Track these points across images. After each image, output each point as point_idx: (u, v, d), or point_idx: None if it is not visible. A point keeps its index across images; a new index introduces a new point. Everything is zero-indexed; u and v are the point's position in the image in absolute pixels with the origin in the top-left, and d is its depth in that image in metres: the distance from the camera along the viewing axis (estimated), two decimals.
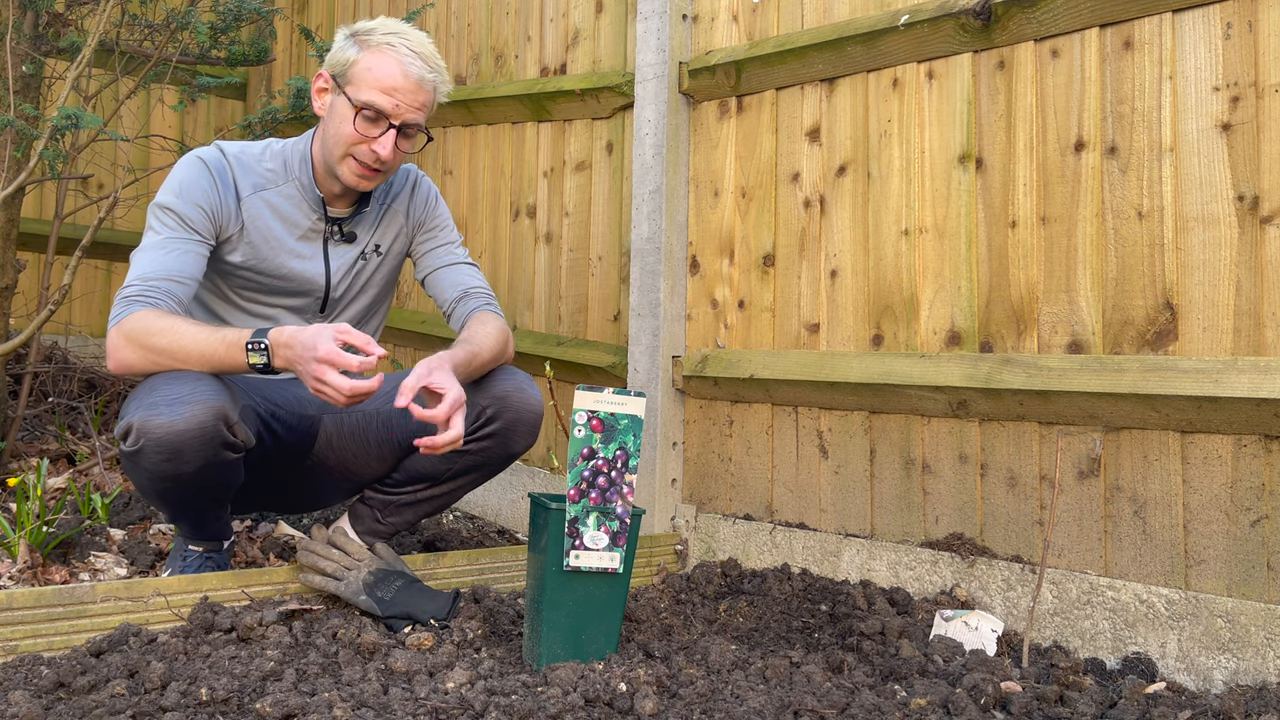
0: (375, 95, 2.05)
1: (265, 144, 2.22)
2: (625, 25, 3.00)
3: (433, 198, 2.35)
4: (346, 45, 2.11)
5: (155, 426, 1.86)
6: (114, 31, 3.23)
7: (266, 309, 2.21)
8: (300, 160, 2.18)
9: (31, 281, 3.94)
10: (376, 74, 2.06)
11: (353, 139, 2.07)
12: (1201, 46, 1.93)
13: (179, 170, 2.11)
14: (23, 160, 2.79)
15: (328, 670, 1.68)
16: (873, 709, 1.64)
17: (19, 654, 1.72)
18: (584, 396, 1.76)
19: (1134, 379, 1.94)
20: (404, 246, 2.34)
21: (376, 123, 2.07)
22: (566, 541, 1.75)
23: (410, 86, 2.07)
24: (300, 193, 2.18)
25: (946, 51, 2.28)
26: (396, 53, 2.06)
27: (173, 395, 1.88)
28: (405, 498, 2.29)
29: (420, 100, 2.09)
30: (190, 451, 1.89)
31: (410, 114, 2.08)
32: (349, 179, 2.12)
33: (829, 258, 2.47)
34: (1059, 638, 2.04)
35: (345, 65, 2.09)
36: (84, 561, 2.39)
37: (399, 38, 2.09)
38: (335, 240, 2.23)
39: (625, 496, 1.79)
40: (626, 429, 1.79)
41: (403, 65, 2.06)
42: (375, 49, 2.07)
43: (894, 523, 2.34)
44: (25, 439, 3.33)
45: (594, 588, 1.78)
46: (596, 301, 3.03)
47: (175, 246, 2.04)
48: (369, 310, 2.34)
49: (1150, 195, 1.98)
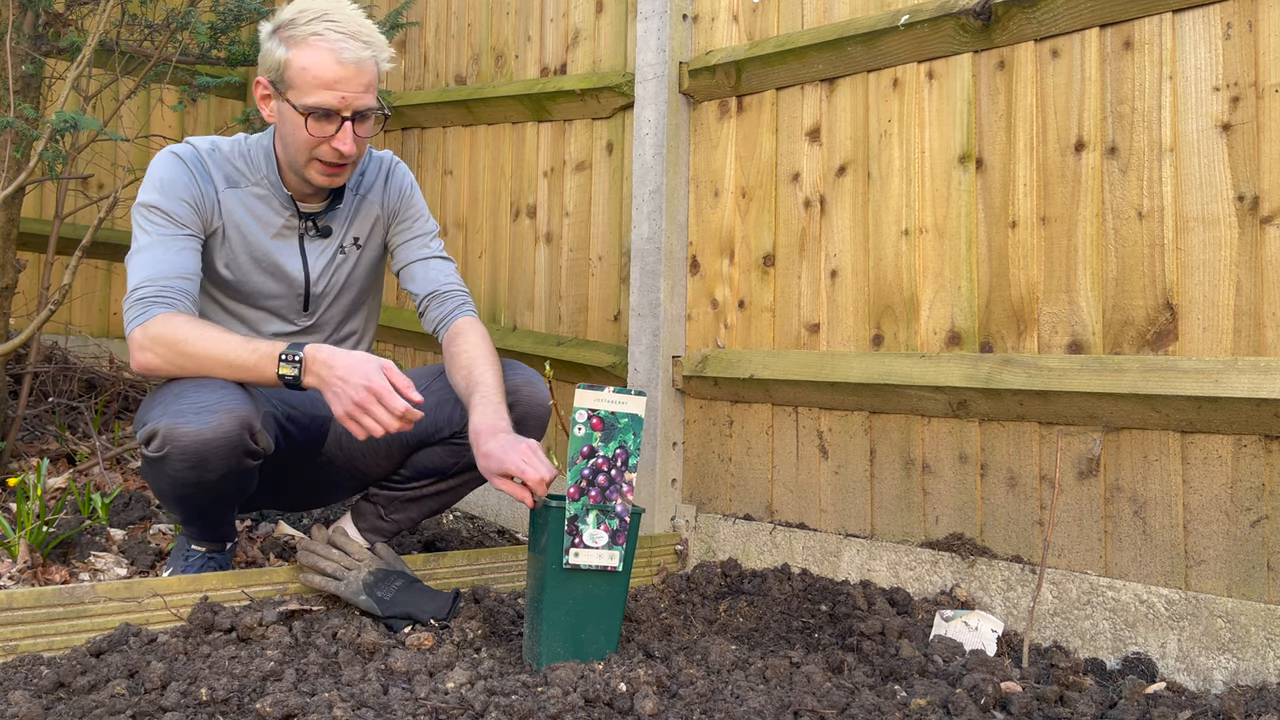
0: (319, 95, 1.97)
1: (234, 140, 2.17)
2: (625, 25, 3.00)
3: (408, 186, 2.30)
4: (274, 45, 2.02)
5: (183, 434, 1.86)
6: (114, 31, 3.23)
7: (247, 308, 2.19)
8: (265, 158, 2.14)
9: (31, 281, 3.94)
10: (314, 72, 1.97)
11: (310, 143, 2.02)
12: (1201, 46, 1.93)
13: (157, 168, 2.07)
14: (23, 160, 2.79)
15: (328, 670, 1.68)
16: (873, 709, 1.63)
17: (19, 654, 1.72)
18: (585, 395, 1.76)
19: (1134, 379, 1.94)
20: (383, 237, 2.30)
21: (329, 121, 2.00)
22: (566, 539, 1.75)
23: (350, 74, 1.98)
24: (270, 191, 2.14)
25: (947, 51, 2.28)
26: (326, 41, 1.97)
27: (200, 403, 1.88)
28: (411, 493, 2.29)
29: (364, 82, 2.00)
30: (216, 460, 1.90)
31: (359, 100, 2.00)
32: (318, 180, 2.08)
33: (829, 258, 2.47)
34: (1059, 638, 2.04)
35: (279, 69, 2.01)
36: (84, 561, 2.39)
37: (324, 22, 1.98)
38: (311, 236, 2.19)
39: (625, 495, 1.79)
40: (627, 427, 1.79)
41: (336, 54, 1.97)
42: (304, 44, 1.98)
43: (894, 523, 2.34)
44: (25, 439, 3.33)
45: (594, 586, 1.78)
46: (597, 301, 3.03)
47: (173, 244, 2.02)
48: (354, 305, 2.31)
49: (1150, 195, 1.98)
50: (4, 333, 3.03)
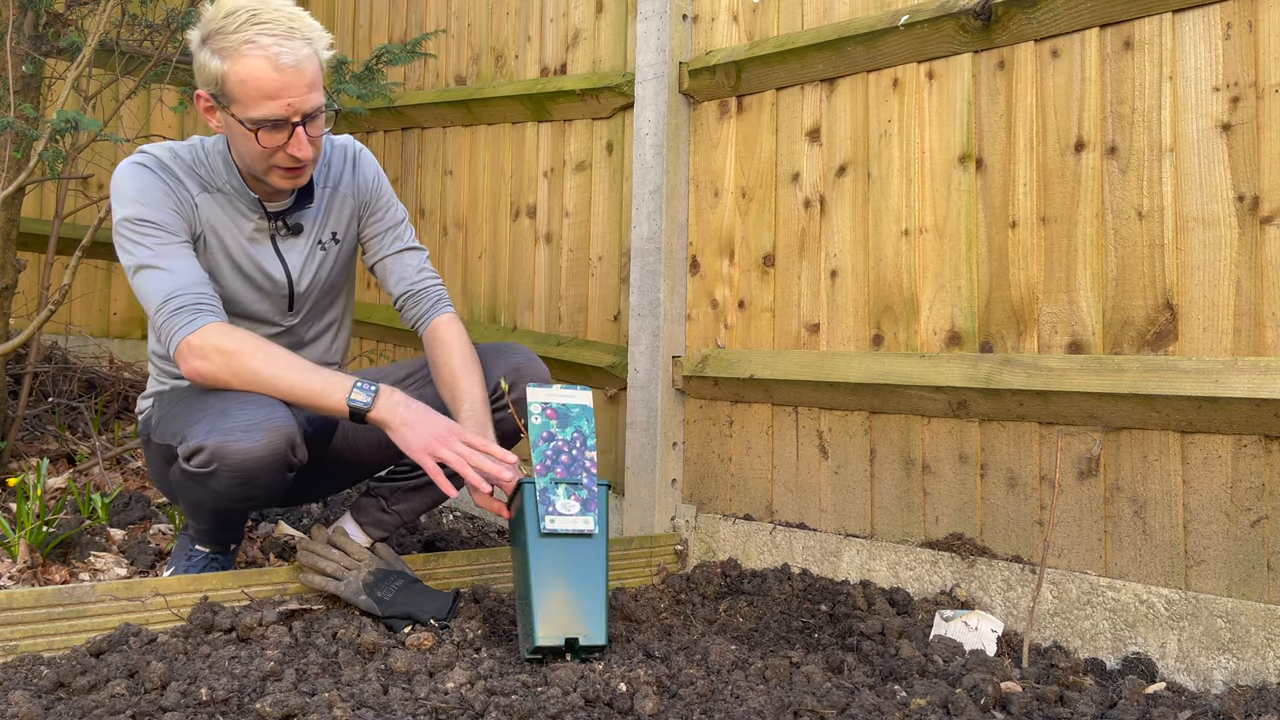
0: (264, 107, 1.89)
1: (190, 145, 2.10)
2: (625, 25, 3.00)
3: (375, 174, 2.25)
4: (207, 58, 1.91)
5: (234, 452, 1.85)
6: (114, 31, 3.23)
7: (236, 319, 2.12)
8: (224, 164, 2.07)
9: (31, 281, 3.94)
10: (253, 85, 1.88)
11: (264, 154, 1.95)
12: (1201, 46, 1.93)
13: (127, 181, 1.98)
14: (23, 160, 2.79)
15: (328, 670, 1.68)
16: (873, 709, 1.63)
17: (19, 654, 1.72)
18: (536, 392, 1.92)
19: (1134, 379, 1.94)
20: (357, 229, 2.26)
21: (279, 130, 1.92)
22: (541, 509, 1.82)
23: (291, 78, 1.88)
24: (236, 194, 2.08)
25: (947, 52, 2.28)
26: (261, 49, 1.87)
27: (249, 421, 1.86)
28: (415, 481, 2.29)
29: (307, 82, 1.91)
30: (264, 476, 1.90)
31: (305, 102, 1.92)
32: (282, 184, 2.03)
33: (829, 258, 2.47)
34: (1059, 638, 2.04)
35: (218, 82, 1.91)
36: (84, 561, 2.39)
37: (254, 26, 1.88)
38: (282, 235, 2.14)
39: (589, 470, 1.88)
40: (579, 415, 1.91)
41: (274, 60, 1.87)
42: (237, 55, 1.88)
43: (894, 523, 2.34)
44: (25, 439, 3.33)
45: (574, 551, 1.82)
46: (596, 301, 3.03)
47: (179, 252, 1.98)
48: (334, 296, 2.29)
49: (1150, 195, 1.98)
50: (4, 333, 3.03)
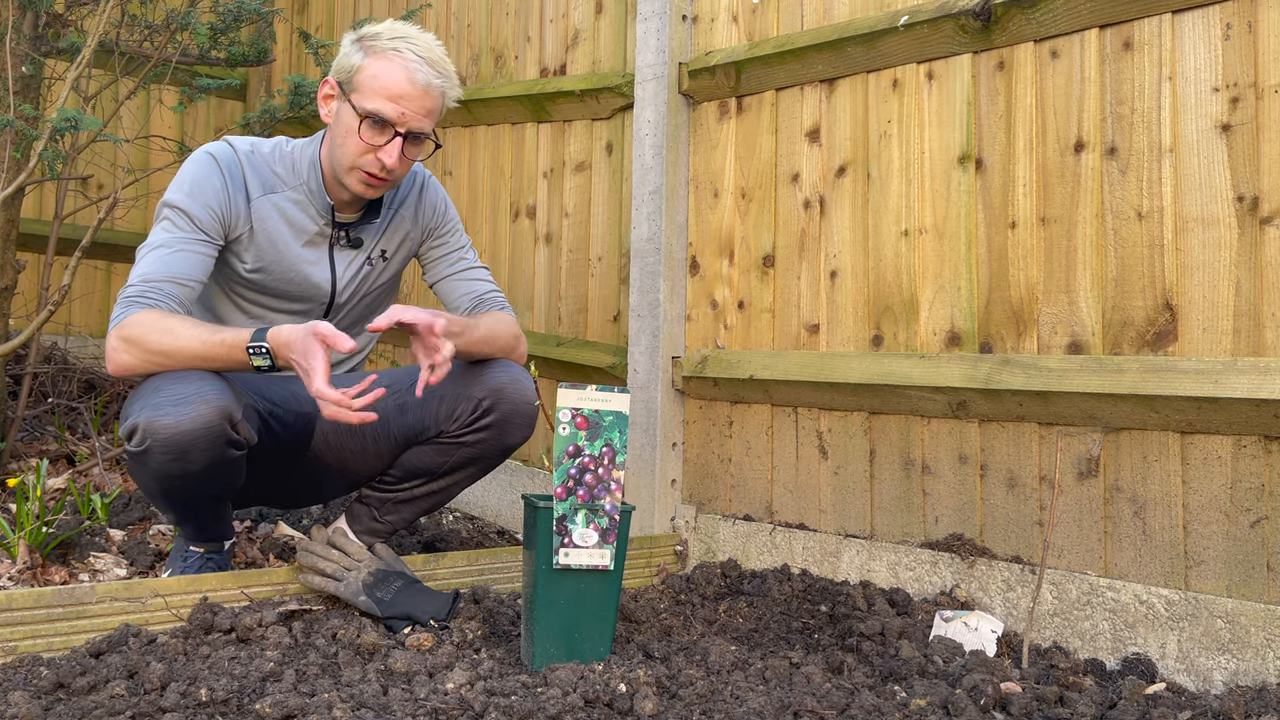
0: (381, 103, 2.02)
1: (275, 144, 2.19)
2: (625, 26, 3.00)
3: (442, 203, 2.34)
4: (352, 51, 2.07)
5: (162, 426, 1.87)
6: (114, 32, 3.23)
7: (269, 313, 2.21)
8: (309, 165, 2.16)
9: (31, 282, 3.94)
10: (382, 81, 2.02)
11: (359, 149, 2.05)
12: (1201, 47, 1.93)
13: (190, 168, 2.09)
14: (22, 161, 2.79)
15: (327, 671, 1.68)
16: (872, 710, 1.63)
17: (19, 654, 1.72)
18: (567, 394, 1.75)
19: (1134, 380, 1.94)
20: (410, 252, 2.33)
21: (382, 131, 2.04)
22: (555, 540, 1.73)
23: (416, 93, 2.03)
24: (309, 198, 2.16)
25: (946, 52, 2.28)
26: (403, 58, 2.03)
27: (178, 395, 1.88)
28: (403, 494, 2.29)
29: (427, 107, 2.06)
30: (197, 451, 1.90)
31: (417, 121, 2.05)
32: (356, 188, 2.10)
33: (829, 258, 2.47)
34: (1059, 638, 2.04)
35: (351, 72, 2.06)
36: (84, 562, 2.39)
37: (406, 43, 2.05)
38: (341, 246, 2.22)
39: (614, 493, 1.77)
40: (612, 425, 1.77)
41: (409, 71, 2.02)
42: (381, 55, 2.04)
43: (894, 523, 2.34)
44: (25, 439, 3.33)
45: (586, 586, 1.77)
46: (596, 302, 3.03)
47: (182, 246, 2.03)
48: (370, 312, 2.34)
49: (1150, 196, 1.98)
50: (4, 333, 3.03)
